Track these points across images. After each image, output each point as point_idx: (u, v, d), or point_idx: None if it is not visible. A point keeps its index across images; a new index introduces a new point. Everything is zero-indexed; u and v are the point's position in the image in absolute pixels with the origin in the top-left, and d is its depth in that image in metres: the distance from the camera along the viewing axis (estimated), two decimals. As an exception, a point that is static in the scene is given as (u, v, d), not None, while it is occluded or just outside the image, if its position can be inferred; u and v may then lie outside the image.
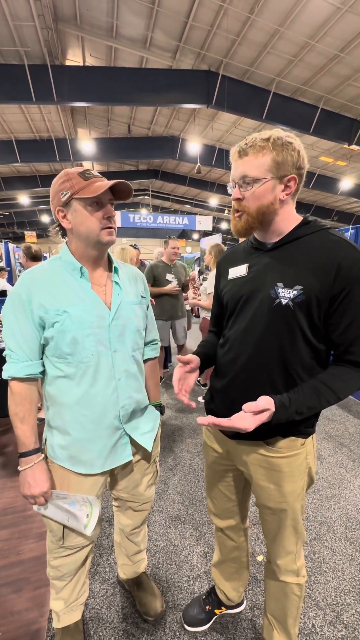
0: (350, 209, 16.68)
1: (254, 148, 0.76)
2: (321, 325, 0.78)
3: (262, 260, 0.85)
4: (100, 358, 0.91)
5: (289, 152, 0.75)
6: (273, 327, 0.80)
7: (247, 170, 0.77)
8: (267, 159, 0.75)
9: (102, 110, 8.84)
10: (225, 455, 1.02)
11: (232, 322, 0.91)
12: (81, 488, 0.97)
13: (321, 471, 2.21)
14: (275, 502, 0.91)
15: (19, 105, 7.53)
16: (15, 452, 2.37)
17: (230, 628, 1.25)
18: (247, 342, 0.85)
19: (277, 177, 0.76)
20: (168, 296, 3.45)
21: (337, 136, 7.87)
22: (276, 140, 0.75)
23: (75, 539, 1.02)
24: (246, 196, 0.79)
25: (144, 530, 1.29)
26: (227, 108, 6.74)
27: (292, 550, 0.97)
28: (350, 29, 5.38)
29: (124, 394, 0.97)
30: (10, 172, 12.29)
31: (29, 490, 0.90)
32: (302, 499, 0.93)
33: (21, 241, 18.71)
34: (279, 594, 1.02)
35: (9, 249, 8.27)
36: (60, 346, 0.87)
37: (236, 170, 0.80)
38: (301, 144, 0.78)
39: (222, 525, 1.14)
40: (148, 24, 5.62)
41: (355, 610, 1.31)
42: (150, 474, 1.16)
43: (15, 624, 1.25)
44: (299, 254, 0.79)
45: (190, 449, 2.47)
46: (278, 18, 5.28)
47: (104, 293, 0.95)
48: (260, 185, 0.77)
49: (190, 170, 13.01)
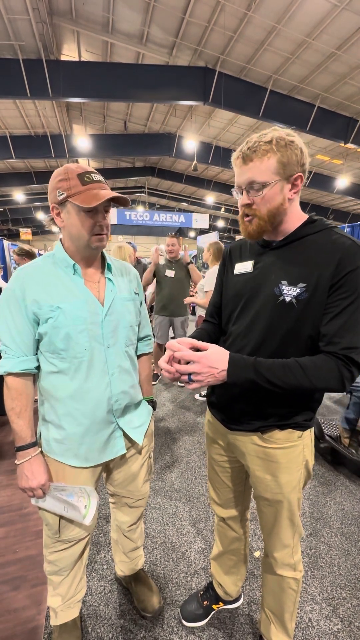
0: (346, 207, 16.76)
1: (258, 152, 0.75)
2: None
3: (268, 258, 0.86)
4: (93, 353, 0.92)
5: (293, 151, 0.75)
6: (276, 324, 0.81)
7: (254, 176, 0.76)
8: (272, 162, 0.75)
9: (98, 107, 8.76)
10: (226, 447, 1.04)
11: (237, 317, 0.92)
12: (76, 481, 0.99)
13: (317, 467, 2.23)
14: (271, 493, 0.92)
15: (13, 100, 7.44)
16: (10, 451, 2.36)
17: (227, 623, 1.26)
18: (250, 337, 0.86)
19: (285, 178, 0.76)
20: (167, 291, 3.44)
21: (334, 134, 7.89)
22: (279, 141, 0.74)
23: (72, 532, 1.02)
24: (256, 201, 0.79)
25: (140, 527, 1.29)
26: (223, 105, 6.72)
27: (289, 544, 0.98)
28: (347, 27, 5.38)
29: (117, 388, 0.98)
30: (4, 168, 12.15)
31: (27, 483, 0.91)
32: (299, 491, 0.94)
33: (16, 238, 18.50)
34: (276, 588, 1.03)
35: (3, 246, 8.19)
36: (54, 342, 0.88)
37: (242, 176, 0.79)
38: (301, 140, 0.79)
39: (225, 514, 1.15)
40: (144, 19, 5.58)
41: (350, 604, 1.33)
42: (146, 468, 1.17)
43: (12, 622, 1.24)
44: (303, 252, 0.80)
45: (187, 446, 2.47)
46: (275, 15, 5.27)
47: (97, 289, 0.96)
48: (270, 189, 0.76)
49: (187, 167, 12.96)
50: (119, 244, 2.98)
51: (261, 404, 0.87)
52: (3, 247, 8.04)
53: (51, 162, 11.74)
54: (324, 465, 2.26)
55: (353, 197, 12.76)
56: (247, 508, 1.18)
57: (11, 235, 20.71)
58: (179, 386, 3.67)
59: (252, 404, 0.89)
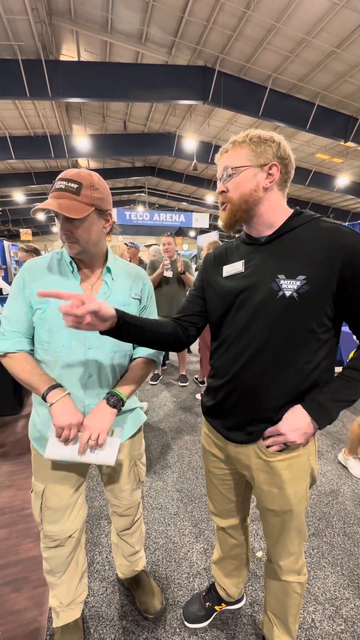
0: (346, 206, 16.74)
1: (234, 144, 0.82)
2: (332, 314, 0.77)
3: (259, 255, 0.83)
4: (72, 351, 0.93)
5: (268, 143, 0.79)
6: (277, 321, 0.78)
7: (228, 163, 0.82)
8: (245, 150, 0.80)
9: (97, 107, 8.76)
10: (225, 460, 1.01)
11: (230, 320, 0.88)
12: (56, 473, 1.01)
13: (319, 467, 2.23)
14: (279, 505, 0.89)
15: (12, 100, 7.44)
16: (11, 452, 2.36)
17: (230, 624, 1.25)
18: (249, 339, 0.83)
19: (258, 165, 0.79)
20: (165, 292, 3.44)
21: (333, 133, 7.88)
22: (253, 136, 0.80)
23: (54, 527, 1.04)
24: (229, 187, 0.82)
25: (138, 532, 1.28)
26: (223, 104, 6.72)
27: (295, 552, 0.96)
28: (347, 25, 5.37)
29: (92, 392, 0.97)
30: (4, 169, 12.15)
31: (63, 420, 0.87)
32: (306, 500, 0.91)
33: (16, 239, 18.54)
34: (280, 593, 1.01)
35: (4, 247, 8.20)
36: (40, 333, 0.93)
37: (219, 166, 0.85)
38: (282, 138, 0.81)
39: (224, 524, 1.13)
40: (143, 19, 5.57)
41: (354, 604, 1.32)
42: (132, 477, 1.15)
43: (14, 623, 1.24)
44: (296, 244, 0.78)
45: (188, 447, 2.47)
46: (274, 13, 5.26)
47: (90, 291, 0.96)
48: (240, 173, 0.80)
49: (187, 167, 12.96)
50: (112, 244, 3.02)
51: (260, 412, 0.85)
52: (3, 247, 8.04)
53: (51, 162, 11.74)
54: (326, 465, 2.25)
55: (353, 195, 12.74)
56: (247, 516, 1.16)
57: (11, 235, 20.74)
58: (180, 386, 3.66)
59: (250, 412, 0.87)
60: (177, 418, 2.94)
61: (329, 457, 2.33)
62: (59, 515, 1.04)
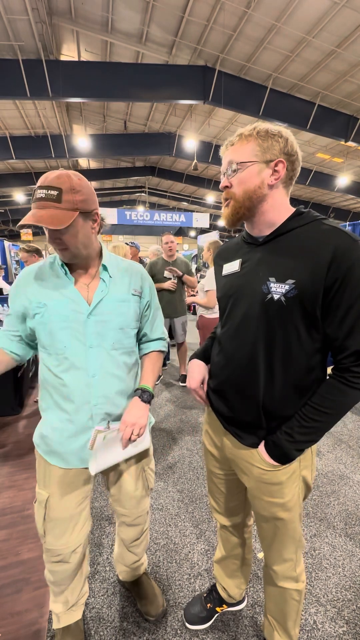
0: (346, 205, 16.71)
1: (240, 138, 0.79)
2: (319, 321, 0.74)
3: (255, 255, 0.82)
4: (74, 352, 0.92)
5: (275, 138, 0.76)
6: (266, 324, 0.77)
7: (233, 157, 0.79)
8: (252, 145, 0.77)
9: (97, 106, 8.75)
10: (222, 461, 1.01)
11: (225, 321, 0.88)
12: (62, 481, 0.99)
13: (320, 467, 2.22)
14: (269, 512, 0.88)
15: (13, 100, 7.44)
16: (11, 452, 2.35)
17: (231, 626, 1.24)
18: (239, 341, 0.82)
19: (264, 161, 0.76)
20: (166, 292, 3.44)
21: (334, 132, 7.86)
22: (260, 130, 0.77)
23: (57, 540, 1.01)
24: (233, 183, 0.80)
25: (145, 541, 1.26)
26: (223, 104, 6.70)
27: (291, 558, 0.94)
28: (347, 24, 5.35)
29: (99, 391, 0.95)
30: (5, 169, 12.15)
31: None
32: (299, 507, 0.89)
33: (17, 239, 18.53)
34: (278, 599, 1.00)
35: (4, 247, 8.20)
36: (41, 337, 0.94)
37: (224, 160, 0.82)
38: (290, 133, 0.78)
39: (227, 523, 1.13)
40: (144, 19, 5.56)
41: (356, 605, 1.31)
42: (141, 484, 1.12)
43: (15, 624, 1.23)
44: (291, 246, 0.76)
45: (189, 447, 2.46)
46: (275, 13, 5.25)
47: (86, 290, 0.95)
48: (246, 169, 0.77)
49: (187, 167, 12.95)
50: (114, 244, 3.05)
51: (251, 415, 0.85)
52: (4, 247, 8.05)
53: (51, 162, 11.74)
54: (327, 466, 2.24)
55: (354, 195, 12.72)
56: (249, 514, 1.15)
57: (12, 236, 20.73)
58: (181, 386, 3.66)
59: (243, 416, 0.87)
60: (177, 418, 2.93)
61: (330, 458, 2.33)
62: (63, 528, 1.01)
